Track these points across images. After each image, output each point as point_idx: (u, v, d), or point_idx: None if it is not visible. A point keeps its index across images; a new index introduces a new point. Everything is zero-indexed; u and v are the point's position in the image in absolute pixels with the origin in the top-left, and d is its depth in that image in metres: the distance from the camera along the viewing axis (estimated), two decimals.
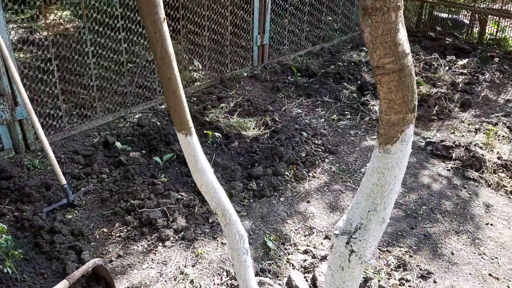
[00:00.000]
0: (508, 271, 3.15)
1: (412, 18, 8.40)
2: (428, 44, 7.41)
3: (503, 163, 4.28)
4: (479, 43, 7.22)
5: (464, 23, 7.68)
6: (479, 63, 6.70)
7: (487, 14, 7.02)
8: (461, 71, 6.46)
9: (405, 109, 1.80)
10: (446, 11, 7.78)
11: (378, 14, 1.60)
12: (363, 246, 1.98)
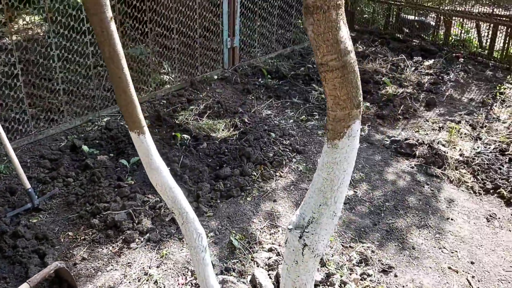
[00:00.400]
0: (467, 264, 3.25)
1: (380, 20, 8.57)
2: (396, 46, 7.56)
3: (464, 160, 4.41)
4: (444, 44, 7.41)
5: (430, 25, 7.87)
6: (445, 64, 6.87)
7: (452, 15, 7.21)
8: (427, 72, 6.62)
9: (350, 105, 1.86)
10: (413, 13, 7.96)
11: (319, 13, 1.65)
12: (315, 240, 2.03)
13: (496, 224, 3.65)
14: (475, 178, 4.19)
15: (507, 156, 4.45)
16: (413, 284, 3.04)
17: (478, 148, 4.61)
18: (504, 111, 5.40)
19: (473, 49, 7.26)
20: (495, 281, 3.10)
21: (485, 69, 6.73)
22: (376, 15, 8.72)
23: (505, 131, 4.92)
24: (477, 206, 3.87)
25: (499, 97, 5.74)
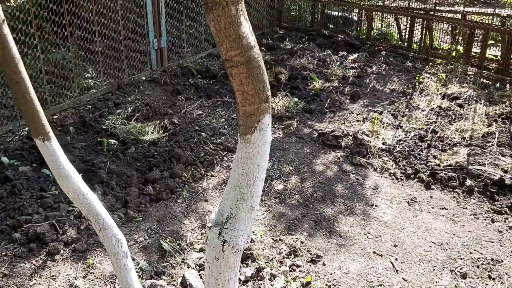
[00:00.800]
0: (390, 247, 3.40)
1: (307, 17, 8.77)
2: (322, 42, 7.78)
3: (387, 148, 4.62)
4: (367, 38, 7.71)
5: (353, 20, 8.16)
6: (368, 57, 7.15)
7: (373, 10, 7.51)
8: (352, 65, 6.86)
9: (258, 99, 1.88)
10: (337, 9, 8.22)
11: (219, 8, 1.66)
12: (234, 235, 2.04)
13: (417, 207, 3.86)
14: (397, 165, 4.40)
15: (426, 142, 4.71)
16: (340, 271, 3.15)
17: (399, 136, 4.85)
18: (423, 99, 5.70)
19: (394, 42, 7.61)
20: (416, 262, 3.27)
21: (405, 61, 7.08)
22: (303, 12, 8.92)
23: (424, 118, 5.21)
24: (399, 191, 4.07)
25: (418, 87, 6.06)
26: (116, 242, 2.17)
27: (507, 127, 4.95)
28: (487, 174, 4.08)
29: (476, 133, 4.80)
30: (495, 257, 3.29)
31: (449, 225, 3.63)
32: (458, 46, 6.74)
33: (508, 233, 3.53)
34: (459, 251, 3.35)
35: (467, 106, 5.44)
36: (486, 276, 3.14)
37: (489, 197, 3.88)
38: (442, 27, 7.05)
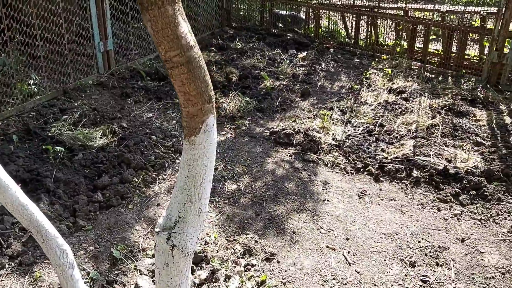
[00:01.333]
0: (343, 241, 3.47)
1: (256, 16, 8.81)
2: (272, 41, 7.83)
3: (337, 144, 4.70)
4: (316, 36, 7.83)
5: (302, 19, 8.27)
6: (317, 55, 7.27)
7: (319, 9, 7.64)
8: (301, 63, 6.95)
9: (201, 100, 1.87)
10: (285, 8, 8.30)
11: (155, 8, 1.63)
12: (183, 239, 2.02)
13: (367, 200, 3.95)
14: (346, 160, 4.50)
15: (374, 136, 4.84)
16: (294, 267, 3.18)
17: (349, 131, 4.95)
18: (370, 94, 5.85)
19: (342, 39, 7.77)
20: (368, 253, 3.35)
21: (352, 57, 7.24)
22: (252, 12, 8.95)
23: (372, 113, 5.34)
24: (350, 185, 4.16)
25: (366, 82, 6.21)
26: (61, 253, 2.09)
27: (449, 118, 5.16)
28: (432, 164, 4.24)
29: (421, 125, 4.98)
30: (441, 244, 3.42)
31: (398, 215, 3.75)
32: (402, 41, 6.96)
33: (453, 221, 3.68)
34: (408, 241, 3.46)
35: (412, 100, 5.63)
36: (434, 263, 3.26)
37: (435, 186, 4.03)
38: (386, 24, 7.27)
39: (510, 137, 4.76)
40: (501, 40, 5.84)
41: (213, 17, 8.39)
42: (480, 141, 4.62)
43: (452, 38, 6.32)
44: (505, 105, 5.54)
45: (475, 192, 3.89)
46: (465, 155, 4.35)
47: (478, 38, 6.42)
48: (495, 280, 3.13)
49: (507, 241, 3.45)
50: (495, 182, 3.98)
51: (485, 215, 3.70)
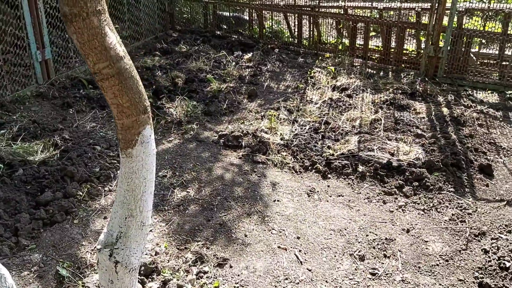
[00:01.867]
0: (294, 240, 3.50)
1: (200, 19, 8.75)
2: (217, 43, 7.81)
3: (285, 143, 4.75)
4: (260, 37, 7.88)
5: (246, 20, 8.29)
6: (262, 55, 7.31)
7: (262, 9, 7.69)
8: (247, 65, 6.97)
9: (135, 111, 1.83)
10: (228, 10, 8.30)
11: (79, 20, 1.58)
12: (127, 254, 1.97)
13: (316, 197, 4.01)
14: (295, 159, 4.55)
15: (320, 134, 4.93)
16: (247, 271, 3.18)
17: (296, 130, 5.01)
18: (315, 93, 5.95)
19: (286, 39, 7.85)
20: (319, 250, 3.40)
21: (297, 57, 7.34)
22: (195, 14, 8.88)
23: (317, 111, 5.44)
24: (299, 184, 4.21)
25: (310, 81, 6.31)
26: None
27: (391, 112, 5.33)
28: (376, 158, 4.36)
29: (364, 121, 5.11)
30: (388, 236, 3.53)
31: (346, 211, 3.83)
32: (344, 39, 7.12)
33: (398, 212, 3.80)
34: (356, 235, 3.55)
35: (355, 96, 5.77)
36: (382, 256, 3.35)
37: (380, 180, 4.15)
38: (327, 22, 7.41)
39: (448, 127, 4.98)
40: (436, 35, 6.09)
41: (156, 21, 8.26)
42: (420, 133, 4.80)
43: (390, 34, 6.53)
44: (443, 97, 5.79)
45: (418, 183, 4.04)
46: (407, 147, 4.51)
47: (415, 33, 6.67)
48: (440, 267, 3.26)
49: (449, 229, 3.61)
50: (436, 173, 4.15)
51: (428, 205, 3.85)
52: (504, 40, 6.01)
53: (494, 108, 5.54)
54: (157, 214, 3.74)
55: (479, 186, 4.09)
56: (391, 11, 7.47)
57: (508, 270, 3.14)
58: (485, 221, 3.63)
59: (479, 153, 4.53)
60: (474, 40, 6.67)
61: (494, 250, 3.33)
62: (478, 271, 3.21)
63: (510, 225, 3.52)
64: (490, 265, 3.22)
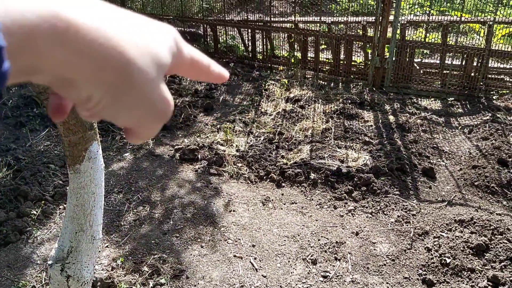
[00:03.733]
0: (249, 248, 3.62)
1: None
2: None
3: (240, 155, 4.88)
4: (215, 52, 8.01)
5: (200, 35, 8.41)
6: None
7: (216, 25, 7.84)
8: None
9: (82, 128, 1.90)
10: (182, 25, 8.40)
11: None
12: (78, 268, 2.02)
13: (270, 206, 4.15)
14: (250, 169, 4.68)
15: (274, 144, 5.08)
16: (204, 281, 3.26)
17: (251, 141, 5.15)
18: (269, 105, 6.12)
19: (240, 53, 8.02)
20: (273, 257, 3.53)
21: (252, 70, 7.51)
22: None
23: (272, 122, 5.60)
24: (254, 193, 4.33)
25: (265, 93, 6.48)
26: None
27: (341, 121, 5.56)
28: (327, 166, 4.55)
29: (316, 130, 5.31)
30: (339, 239, 3.70)
31: (299, 217, 3.98)
32: (296, 52, 7.35)
33: (348, 216, 3.99)
34: (309, 240, 3.70)
35: (307, 107, 5.98)
36: (333, 258, 3.51)
37: (331, 186, 4.34)
38: (280, 37, 7.64)
39: (394, 134, 5.25)
40: (381, 47, 6.41)
41: None
42: (368, 140, 5.04)
43: (339, 47, 6.81)
44: (389, 105, 6.08)
45: (366, 188, 4.24)
46: (356, 154, 4.72)
47: (362, 45, 6.98)
48: (387, 267, 3.44)
49: (395, 230, 3.81)
50: (382, 177, 4.38)
51: (375, 208, 4.06)
52: (444, 50, 6.39)
53: (437, 114, 5.87)
54: (113, 229, 3.77)
55: (423, 188, 4.34)
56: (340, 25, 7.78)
57: (449, 266, 3.36)
58: (428, 221, 3.86)
59: (423, 157, 4.80)
60: (417, 51, 7.04)
61: (436, 248, 3.55)
62: (421, 269, 3.41)
63: (451, 224, 3.76)
64: (432, 262, 3.44)
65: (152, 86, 0.46)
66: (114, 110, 0.46)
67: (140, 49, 0.45)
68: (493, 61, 6.72)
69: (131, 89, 0.44)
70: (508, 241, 3.43)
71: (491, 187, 4.24)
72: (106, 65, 0.42)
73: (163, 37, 0.48)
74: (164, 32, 0.49)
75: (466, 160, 4.77)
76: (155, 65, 0.46)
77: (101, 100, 0.44)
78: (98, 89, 0.43)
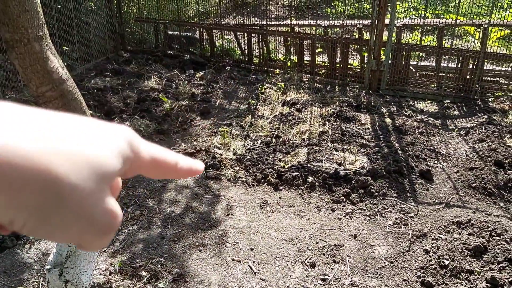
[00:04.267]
0: (247, 252, 3.61)
1: (151, 39, 8.81)
2: (169, 62, 7.88)
3: (237, 158, 4.87)
4: (212, 56, 8.02)
5: (197, 39, 8.42)
6: (214, 73, 7.45)
7: (212, 29, 7.85)
8: (199, 83, 7.08)
9: None
10: (179, 29, 8.41)
11: (20, 46, 1.65)
12: (77, 273, 2.01)
13: (268, 209, 4.14)
14: (248, 172, 4.67)
15: (271, 148, 5.08)
16: (202, 285, 3.25)
17: (248, 145, 5.15)
18: (266, 108, 6.13)
19: (237, 57, 8.04)
20: (272, 260, 3.52)
21: (248, 74, 7.52)
22: (147, 35, 8.94)
23: (268, 126, 5.61)
24: (252, 196, 4.33)
25: (261, 97, 6.49)
26: None
27: (338, 124, 5.57)
28: (324, 169, 4.55)
29: (313, 133, 5.32)
30: (337, 242, 3.69)
31: (297, 220, 3.97)
32: (292, 56, 7.37)
33: (346, 219, 3.99)
34: (307, 243, 3.69)
35: (304, 110, 5.99)
36: (332, 261, 3.51)
37: (328, 189, 4.34)
38: (276, 40, 7.66)
39: (391, 137, 5.26)
40: (377, 50, 6.43)
41: (106, 42, 8.26)
42: (365, 143, 5.05)
43: (335, 50, 6.83)
44: (386, 108, 6.10)
45: (363, 191, 4.25)
46: (353, 157, 4.73)
47: (358, 48, 7.01)
48: (385, 269, 3.44)
49: (393, 232, 3.82)
50: (380, 180, 4.38)
51: (373, 210, 4.06)
52: (439, 53, 6.42)
53: (433, 117, 5.89)
54: None
55: (420, 190, 4.35)
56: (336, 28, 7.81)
57: (447, 267, 3.37)
58: (426, 223, 3.87)
59: (420, 160, 4.82)
60: (413, 54, 7.07)
61: (434, 249, 3.55)
62: (420, 271, 3.42)
63: (449, 226, 3.77)
64: (431, 264, 3.44)
65: (92, 200, 0.40)
66: (44, 231, 0.40)
67: (73, 161, 0.39)
68: (488, 64, 6.77)
69: (62, 208, 0.39)
70: (506, 242, 3.44)
71: (488, 189, 4.26)
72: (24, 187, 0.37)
73: (109, 142, 0.43)
74: (112, 135, 0.44)
75: (463, 162, 4.78)
76: (95, 175, 0.40)
77: (25, 224, 0.38)
78: (19, 213, 0.38)
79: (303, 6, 11.32)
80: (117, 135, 0.44)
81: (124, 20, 8.73)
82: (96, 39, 7.98)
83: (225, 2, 10.86)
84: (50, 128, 0.40)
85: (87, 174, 0.40)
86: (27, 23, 1.60)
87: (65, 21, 7.15)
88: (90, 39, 7.85)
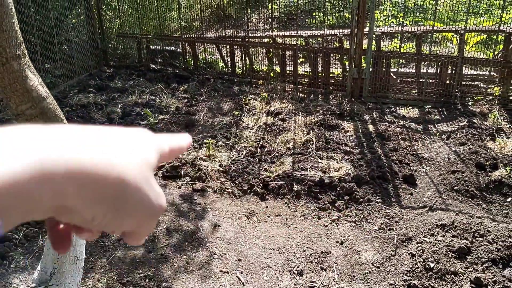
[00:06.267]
0: (235, 263, 3.62)
1: (134, 54, 8.82)
2: (153, 76, 7.90)
3: (223, 169, 4.89)
4: (195, 68, 8.06)
5: (180, 53, 8.46)
6: (198, 86, 7.48)
7: (194, 42, 7.90)
8: (184, 96, 7.11)
9: None
10: (161, 44, 8.44)
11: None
12: None
13: (255, 219, 4.16)
14: (233, 183, 4.69)
15: (257, 158, 5.11)
16: None
17: (233, 156, 5.17)
18: (251, 119, 6.17)
19: (220, 69, 8.09)
20: (260, 270, 3.53)
21: (232, 85, 7.57)
22: (129, 49, 8.95)
23: (253, 136, 5.64)
24: (238, 207, 4.35)
25: (246, 108, 6.53)
26: None
27: (322, 132, 5.63)
28: (309, 177, 4.59)
29: (297, 142, 5.37)
30: (324, 249, 3.72)
31: (284, 229, 4.00)
32: (275, 66, 7.45)
33: (332, 226, 4.02)
34: (294, 251, 3.71)
35: (288, 120, 6.04)
36: (319, 269, 3.53)
37: (314, 197, 4.37)
38: (258, 51, 7.73)
39: (374, 143, 5.33)
40: (358, 58, 6.53)
41: (89, 58, 8.25)
42: (349, 150, 5.11)
43: (317, 60, 6.92)
44: (368, 115, 6.19)
45: (349, 197, 4.29)
46: (337, 164, 4.78)
47: (339, 57, 7.10)
48: (372, 274, 3.48)
49: (379, 237, 3.86)
50: (364, 186, 4.43)
51: (359, 216, 4.10)
52: (419, 59, 6.54)
53: (415, 122, 5.98)
54: (97, 250, 3.74)
55: (404, 195, 4.41)
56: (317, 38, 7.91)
57: (433, 270, 3.41)
58: (410, 227, 3.92)
59: (403, 165, 4.88)
60: (393, 61, 7.19)
61: (419, 253, 3.60)
62: (406, 274, 3.46)
63: (433, 229, 3.82)
64: (416, 268, 3.48)
65: (147, 187, 0.50)
66: (118, 222, 0.49)
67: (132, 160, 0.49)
68: (466, 68, 6.91)
69: (130, 198, 0.48)
70: (488, 243, 3.50)
71: (471, 191, 4.33)
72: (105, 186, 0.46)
73: (149, 142, 0.54)
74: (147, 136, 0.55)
75: (445, 166, 4.86)
76: (145, 167, 0.51)
77: (105, 216, 0.47)
78: (101, 207, 0.47)
79: (284, 17, 11.45)
80: (149, 136, 0.55)
81: (107, 35, 8.73)
82: (78, 56, 7.97)
83: (207, 16, 10.93)
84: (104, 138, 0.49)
85: (144, 168, 0.50)
86: (5, 42, 1.61)
87: (46, 38, 7.14)
88: (73, 55, 7.84)
